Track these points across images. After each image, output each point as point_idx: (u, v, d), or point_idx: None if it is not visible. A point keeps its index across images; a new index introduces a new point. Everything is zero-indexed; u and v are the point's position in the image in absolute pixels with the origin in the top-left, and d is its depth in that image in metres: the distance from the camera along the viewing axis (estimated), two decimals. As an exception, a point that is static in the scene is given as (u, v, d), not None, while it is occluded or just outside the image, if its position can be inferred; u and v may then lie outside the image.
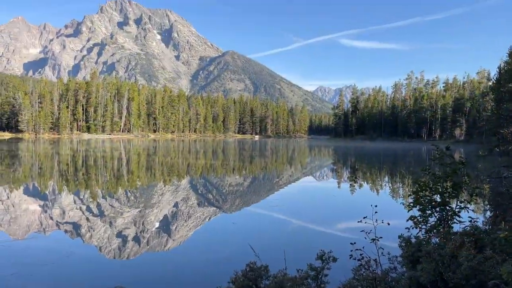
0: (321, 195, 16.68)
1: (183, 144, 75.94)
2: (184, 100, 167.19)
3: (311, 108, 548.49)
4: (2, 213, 11.85)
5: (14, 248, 8.19)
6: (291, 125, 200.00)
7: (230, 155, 42.98)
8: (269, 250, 7.92)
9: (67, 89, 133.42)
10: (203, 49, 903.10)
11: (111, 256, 7.98)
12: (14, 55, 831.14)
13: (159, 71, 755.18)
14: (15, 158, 34.20)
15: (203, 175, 22.92)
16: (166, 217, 11.64)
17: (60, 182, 18.81)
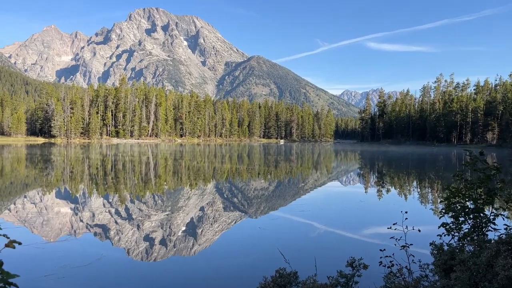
0: (348, 200, 16.44)
1: (209, 148, 76.56)
2: (210, 105, 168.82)
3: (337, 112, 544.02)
4: (36, 215, 12.22)
5: (48, 250, 8.40)
6: (317, 129, 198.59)
7: (255, 160, 43.01)
8: (297, 256, 7.83)
9: (97, 95, 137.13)
10: (228, 55, 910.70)
11: (139, 258, 8.09)
12: (47, 62, 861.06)
13: (186, 77, 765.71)
14: (48, 163, 35.32)
15: (229, 179, 23.00)
16: (192, 221, 11.72)
17: (90, 186, 19.27)
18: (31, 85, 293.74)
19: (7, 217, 12.07)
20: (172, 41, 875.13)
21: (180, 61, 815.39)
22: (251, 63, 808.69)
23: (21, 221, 11.39)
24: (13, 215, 12.37)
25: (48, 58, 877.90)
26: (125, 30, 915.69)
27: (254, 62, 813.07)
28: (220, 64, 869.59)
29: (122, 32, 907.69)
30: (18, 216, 12.12)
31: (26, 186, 19.32)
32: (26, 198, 15.82)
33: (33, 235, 9.80)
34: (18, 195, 16.56)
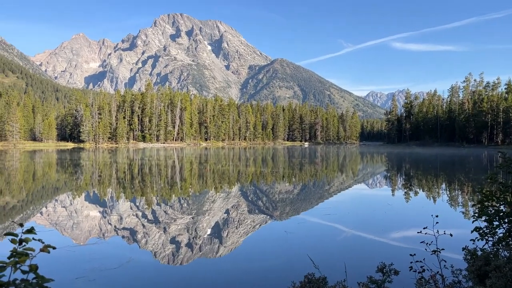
0: (375, 203, 16.15)
1: (233, 151, 76.89)
2: (234, 109, 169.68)
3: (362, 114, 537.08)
4: (66, 219, 12.53)
5: (78, 253, 8.58)
6: (342, 131, 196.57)
7: (279, 163, 42.89)
8: (325, 260, 7.72)
9: (123, 100, 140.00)
10: (252, 58, 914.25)
11: (166, 261, 8.16)
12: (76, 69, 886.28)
13: (210, 81, 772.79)
14: (77, 167, 36.25)
15: (253, 182, 23.00)
16: (218, 224, 11.75)
17: (117, 190, 19.63)
18: (61, 92, 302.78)
19: (39, 220, 12.42)
20: (196, 46, 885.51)
21: (204, 65, 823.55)
22: (275, 66, 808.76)
23: (52, 224, 11.70)
24: (44, 218, 12.73)
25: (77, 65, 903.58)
26: (151, 36, 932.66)
27: (277, 65, 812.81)
28: (243, 68, 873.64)
29: (148, 38, 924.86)
30: (50, 219, 12.45)
31: (56, 190, 19.85)
32: (57, 201, 16.26)
33: (64, 238, 10.05)
34: (49, 199, 17.04)
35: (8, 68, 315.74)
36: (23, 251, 2.29)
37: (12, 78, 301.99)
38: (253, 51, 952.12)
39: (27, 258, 2.26)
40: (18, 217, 12.83)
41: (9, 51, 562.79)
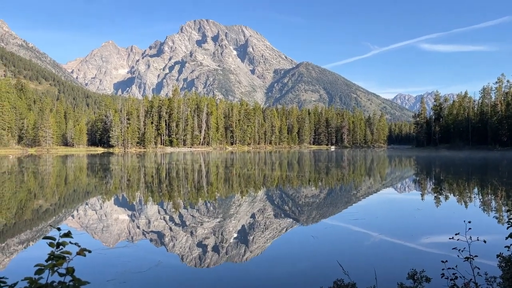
0: (403, 208, 15.81)
1: (259, 155, 76.98)
2: (259, 113, 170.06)
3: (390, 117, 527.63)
4: (96, 222, 12.84)
5: (108, 255, 8.76)
6: (369, 134, 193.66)
7: (305, 166, 42.64)
8: (354, 266, 7.60)
9: (151, 105, 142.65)
10: (277, 62, 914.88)
11: (193, 265, 8.23)
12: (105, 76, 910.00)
13: (236, 86, 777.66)
14: (107, 171, 37.12)
15: (279, 187, 22.94)
16: (244, 228, 11.77)
17: (146, 193, 19.98)
18: (91, 98, 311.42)
19: (71, 223, 12.78)
20: (222, 51, 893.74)
21: (230, 70, 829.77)
22: (300, 70, 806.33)
23: (83, 227, 12.01)
24: (76, 221, 13.08)
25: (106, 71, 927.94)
26: (177, 42, 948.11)
27: (303, 68, 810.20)
28: (269, 72, 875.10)
29: (174, 44, 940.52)
30: (81, 222, 12.79)
31: (87, 194, 20.38)
32: (87, 205, 16.69)
33: (95, 241, 10.29)
34: (80, 203, 17.50)
35: (42, 76, 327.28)
36: (61, 254, 2.36)
37: (45, 85, 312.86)
38: (278, 55, 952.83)
39: (64, 261, 2.32)
40: (51, 220, 13.23)
41: (42, 60, 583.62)
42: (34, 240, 10.41)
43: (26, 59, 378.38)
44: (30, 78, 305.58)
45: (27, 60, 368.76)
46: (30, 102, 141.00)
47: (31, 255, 9.03)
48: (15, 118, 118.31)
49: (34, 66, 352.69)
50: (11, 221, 12.74)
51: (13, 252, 9.22)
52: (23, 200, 17.69)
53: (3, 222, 12.67)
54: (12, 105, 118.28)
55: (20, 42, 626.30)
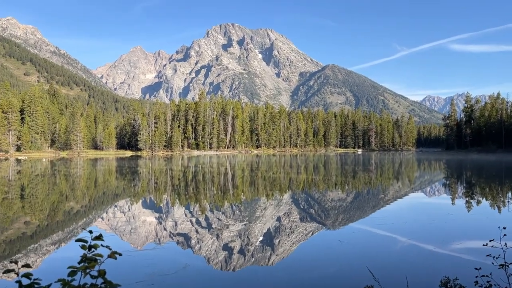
0: (433, 212, 15.39)
1: (284, 159, 76.75)
2: (285, 116, 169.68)
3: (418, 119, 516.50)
4: (124, 224, 13.08)
5: (136, 257, 8.89)
6: (397, 137, 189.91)
7: (331, 170, 42.20)
8: (383, 272, 7.41)
9: (178, 109, 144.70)
10: (303, 65, 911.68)
11: (219, 267, 8.25)
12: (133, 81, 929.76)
13: (261, 89, 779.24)
14: (135, 174, 37.83)
15: (305, 190, 22.78)
16: (269, 231, 11.73)
17: (172, 196, 20.23)
18: (120, 103, 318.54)
19: (100, 225, 13.06)
20: (247, 54, 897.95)
21: (255, 73, 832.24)
22: (326, 72, 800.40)
23: (112, 229, 12.26)
24: (105, 223, 13.36)
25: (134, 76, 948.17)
26: (203, 46, 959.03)
27: (328, 71, 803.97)
28: (294, 75, 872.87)
29: (201, 48, 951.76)
30: (110, 224, 13.06)
31: (116, 196, 20.81)
32: (116, 207, 17.03)
33: (123, 243, 10.48)
34: (109, 205, 17.88)
35: (73, 81, 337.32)
36: (92, 257, 2.40)
37: (76, 90, 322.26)
38: (303, 58, 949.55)
39: (96, 263, 2.36)
40: (81, 222, 13.57)
41: (73, 65, 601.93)
42: (65, 242, 10.69)
43: (58, 65, 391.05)
44: (62, 83, 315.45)
45: (59, 66, 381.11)
46: (62, 107, 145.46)
47: (62, 256, 9.28)
48: (48, 122, 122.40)
49: (66, 72, 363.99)
50: (43, 223, 13.13)
51: (45, 253, 9.49)
52: (55, 202, 18.23)
53: (36, 223, 13.07)
54: (45, 110, 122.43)
55: (53, 49, 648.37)
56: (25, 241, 10.68)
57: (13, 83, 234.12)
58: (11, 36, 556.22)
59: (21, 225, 12.63)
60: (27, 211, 15.49)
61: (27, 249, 9.80)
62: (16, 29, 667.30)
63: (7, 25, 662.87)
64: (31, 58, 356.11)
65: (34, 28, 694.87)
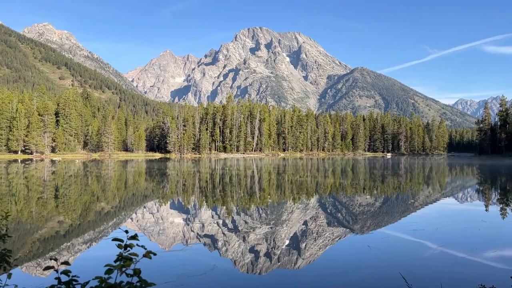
0: (466, 219, 14.91)
1: (311, 162, 76.20)
2: (312, 119, 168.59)
3: (450, 123, 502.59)
4: (153, 225, 13.30)
5: (165, 258, 9.02)
6: (428, 141, 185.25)
7: (359, 174, 41.59)
8: (415, 279, 7.22)
9: (206, 113, 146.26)
10: (331, 68, 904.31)
11: (245, 270, 8.27)
12: (163, 84, 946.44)
13: (288, 92, 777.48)
14: (163, 176, 38.45)
15: (332, 194, 22.54)
16: (296, 235, 11.67)
17: (200, 198, 20.43)
18: (149, 106, 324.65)
19: (129, 225, 13.34)
20: (275, 58, 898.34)
21: (283, 77, 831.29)
22: (354, 75, 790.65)
23: (141, 230, 12.49)
24: (134, 224, 13.63)
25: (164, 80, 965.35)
26: (231, 50, 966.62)
27: (357, 73, 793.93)
28: (322, 78, 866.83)
29: (229, 52, 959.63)
30: (139, 225, 13.31)
31: (145, 198, 21.20)
32: (145, 208, 17.36)
33: (152, 243, 10.66)
34: (138, 206, 18.24)
35: (105, 85, 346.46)
36: (128, 256, 2.46)
37: (108, 93, 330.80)
38: (332, 61, 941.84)
39: (131, 262, 2.42)
40: (111, 222, 13.89)
41: (105, 69, 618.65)
42: (97, 241, 10.98)
43: (91, 69, 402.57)
44: (94, 87, 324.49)
45: (92, 70, 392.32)
46: (94, 109, 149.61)
47: (94, 255, 9.52)
48: (81, 125, 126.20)
49: (98, 76, 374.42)
50: (76, 222, 13.53)
51: (77, 251, 9.77)
52: (87, 202, 18.75)
53: (69, 222, 13.48)
54: (78, 113, 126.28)
55: (86, 53, 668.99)
56: (59, 239, 11.03)
57: (49, 86, 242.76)
58: (47, 41, 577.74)
59: (54, 224, 13.06)
60: (61, 210, 16.00)
61: (60, 247, 10.12)
62: (52, 35, 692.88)
63: (43, 30, 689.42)
64: (66, 63, 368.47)
65: (69, 34, 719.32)
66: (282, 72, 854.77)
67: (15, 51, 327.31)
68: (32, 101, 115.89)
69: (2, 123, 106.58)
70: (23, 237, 11.07)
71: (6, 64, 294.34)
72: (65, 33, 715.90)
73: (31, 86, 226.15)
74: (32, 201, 18.58)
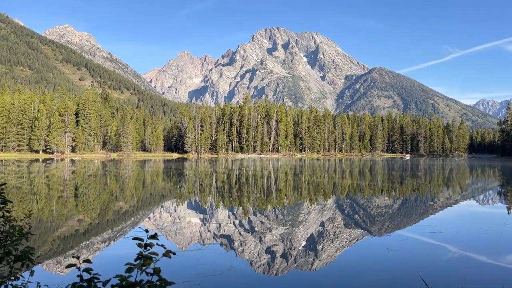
0: (487, 222, 14.59)
1: (329, 163, 75.72)
2: (329, 120, 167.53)
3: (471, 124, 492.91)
4: (170, 224, 13.42)
5: (182, 258, 9.07)
6: (447, 142, 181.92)
7: (377, 175, 41.14)
8: (435, 282, 7.09)
9: (223, 113, 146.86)
10: (348, 68, 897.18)
11: (261, 271, 8.26)
12: (181, 85, 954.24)
13: (305, 92, 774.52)
14: (181, 176, 38.75)
15: (349, 195, 22.35)
16: (313, 236, 11.61)
17: (217, 198, 20.52)
18: (167, 106, 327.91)
19: (147, 224, 13.48)
20: (292, 58, 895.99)
21: (300, 77, 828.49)
22: (373, 75, 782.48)
23: (158, 229, 12.61)
24: (151, 223, 13.77)
25: (181, 81, 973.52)
26: (248, 51, 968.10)
27: (375, 74, 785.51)
28: (339, 78, 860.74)
29: (246, 53, 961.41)
30: (156, 224, 13.44)
31: (162, 197, 21.41)
32: (162, 208, 17.52)
33: (169, 243, 10.75)
34: (156, 205, 18.42)
35: (124, 86, 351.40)
36: (148, 255, 2.49)
37: (126, 94, 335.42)
38: (349, 61, 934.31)
39: (151, 261, 2.45)
40: (129, 221, 14.07)
41: (124, 70, 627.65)
42: (115, 240, 11.13)
43: (111, 70, 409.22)
44: (113, 87, 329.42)
45: (111, 71, 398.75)
46: (113, 110, 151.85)
47: (113, 254, 9.66)
48: (100, 125, 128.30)
49: (117, 77, 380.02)
50: (95, 221, 13.74)
51: (96, 249, 9.93)
52: (106, 202, 19.03)
53: (88, 221, 13.71)
54: (98, 113, 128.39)
55: (106, 54, 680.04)
56: (78, 238, 11.22)
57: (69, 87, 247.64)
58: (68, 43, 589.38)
59: (74, 223, 13.29)
60: (80, 209, 16.28)
61: (80, 246, 10.29)
62: (72, 36, 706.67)
63: (64, 32, 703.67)
64: (86, 64, 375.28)
65: (89, 35, 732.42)
66: (299, 72, 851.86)
67: (37, 52, 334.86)
68: (53, 101, 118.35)
69: (25, 123, 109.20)
70: (44, 235, 11.30)
71: (28, 66, 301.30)
72: (85, 35, 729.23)
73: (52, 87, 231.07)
74: (53, 200, 18.96)
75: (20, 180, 29.74)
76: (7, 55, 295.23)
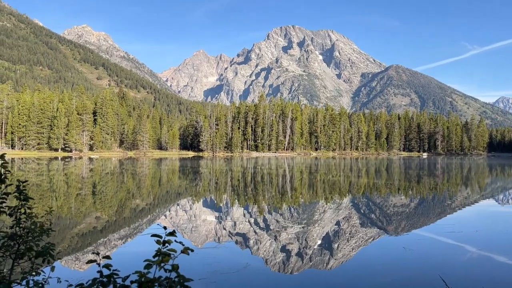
0: (508, 222, 14.31)
1: (344, 162, 75.21)
2: (345, 118, 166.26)
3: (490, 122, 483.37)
4: (186, 222, 13.53)
5: (198, 255, 9.14)
6: (466, 141, 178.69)
7: (394, 174, 40.69)
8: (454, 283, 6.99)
9: (238, 112, 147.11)
10: (365, 66, 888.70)
11: (276, 269, 8.27)
12: (196, 83, 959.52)
13: (321, 90, 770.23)
14: (196, 174, 39.00)
15: (365, 194, 22.16)
16: (328, 235, 11.56)
17: (232, 196, 20.59)
18: (183, 105, 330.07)
19: (163, 222, 13.62)
20: (307, 56, 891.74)
21: (315, 75, 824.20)
22: (389, 73, 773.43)
23: (174, 227, 12.73)
24: (167, 221, 13.91)
25: (197, 79, 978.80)
26: (264, 49, 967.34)
27: (392, 71, 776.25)
28: (355, 76, 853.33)
29: (261, 51, 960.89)
30: (172, 222, 13.57)
31: (178, 195, 21.59)
32: (178, 205, 17.67)
33: (185, 240, 10.84)
34: (172, 203, 18.59)
35: (140, 85, 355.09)
36: (167, 252, 2.52)
37: (143, 93, 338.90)
38: (366, 59, 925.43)
39: (169, 258, 2.49)
40: (146, 218, 14.24)
41: (141, 69, 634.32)
42: (132, 237, 11.28)
43: (127, 70, 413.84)
44: (130, 86, 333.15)
45: (128, 70, 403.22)
46: (130, 109, 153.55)
47: (130, 250, 9.79)
48: (117, 123, 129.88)
49: (134, 76, 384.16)
50: (112, 218, 13.95)
51: (113, 246, 10.08)
52: (123, 199, 19.29)
53: (106, 218, 13.92)
54: (115, 112, 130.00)
55: (123, 54, 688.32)
56: (96, 235, 11.41)
57: (87, 86, 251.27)
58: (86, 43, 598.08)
59: (92, 220, 13.52)
60: (98, 207, 16.54)
61: (98, 242, 10.47)
62: (90, 36, 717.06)
63: (82, 32, 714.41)
64: (103, 63, 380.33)
65: (106, 35, 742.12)
66: (314, 70, 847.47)
67: (56, 52, 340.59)
68: (71, 100, 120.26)
69: (44, 122, 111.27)
70: (63, 232, 11.52)
71: (47, 65, 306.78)
72: (103, 35, 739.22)
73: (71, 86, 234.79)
74: (71, 197, 19.30)
75: (40, 178, 30.36)
76: (27, 55, 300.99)
